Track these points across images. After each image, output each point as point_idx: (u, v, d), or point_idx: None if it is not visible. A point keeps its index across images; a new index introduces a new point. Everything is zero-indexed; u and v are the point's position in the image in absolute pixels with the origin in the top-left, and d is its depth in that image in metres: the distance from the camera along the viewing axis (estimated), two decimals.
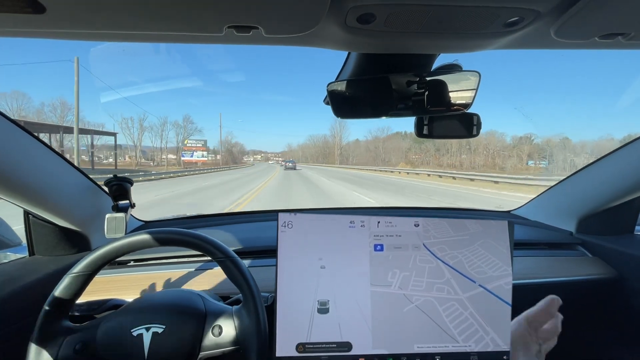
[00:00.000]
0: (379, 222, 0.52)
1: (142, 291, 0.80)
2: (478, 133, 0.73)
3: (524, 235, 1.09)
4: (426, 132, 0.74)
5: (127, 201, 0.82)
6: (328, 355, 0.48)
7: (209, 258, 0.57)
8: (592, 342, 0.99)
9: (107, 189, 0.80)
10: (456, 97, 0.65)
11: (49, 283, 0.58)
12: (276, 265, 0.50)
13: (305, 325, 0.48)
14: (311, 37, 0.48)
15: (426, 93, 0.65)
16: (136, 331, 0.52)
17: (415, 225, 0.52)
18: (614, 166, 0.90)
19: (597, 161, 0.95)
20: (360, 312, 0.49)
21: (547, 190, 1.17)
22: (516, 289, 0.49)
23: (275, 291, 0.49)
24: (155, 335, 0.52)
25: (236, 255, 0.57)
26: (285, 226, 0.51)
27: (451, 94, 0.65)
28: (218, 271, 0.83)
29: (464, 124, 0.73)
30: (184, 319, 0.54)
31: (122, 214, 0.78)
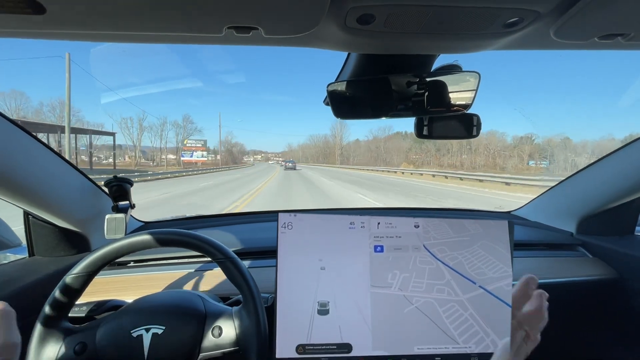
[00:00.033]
0: (379, 223, 0.52)
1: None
2: (478, 134, 0.73)
3: (525, 235, 1.09)
4: (426, 133, 0.74)
5: (127, 202, 0.83)
6: (328, 356, 0.48)
7: (209, 259, 0.57)
8: (593, 343, 0.99)
9: (107, 190, 0.80)
10: (456, 98, 0.65)
11: (49, 284, 0.58)
12: (276, 266, 0.50)
13: (305, 326, 0.48)
14: (311, 38, 0.48)
15: (426, 94, 0.64)
16: (136, 332, 0.52)
17: (415, 226, 0.52)
18: (615, 167, 0.90)
19: (598, 162, 0.95)
20: (360, 314, 0.49)
21: (547, 190, 1.17)
22: None
23: (275, 292, 0.49)
24: (155, 336, 0.52)
25: (236, 256, 0.57)
26: (285, 227, 0.51)
27: (451, 95, 0.65)
28: (218, 272, 0.83)
29: (464, 125, 0.73)
30: (184, 320, 0.54)
31: (122, 215, 0.79)
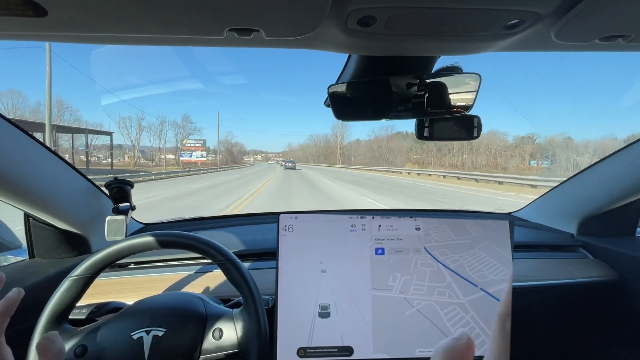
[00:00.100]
0: (380, 226, 0.52)
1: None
2: (479, 135, 0.72)
3: (525, 237, 1.09)
4: (427, 134, 0.74)
5: (128, 204, 0.83)
6: (329, 359, 0.48)
7: (210, 260, 0.57)
8: (594, 344, 0.99)
9: (108, 192, 0.80)
10: (456, 100, 0.65)
11: (49, 286, 0.58)
12: (276, 268, 0.49)
13: (306, 329, 0.48)
14: (312, 40, 0.48)
15: (426, 95, 0.64)
16: (136, 334, 0.51)
17: (416, 228, 0.52)
18: (616, 168, 0.90)
19: (598, 163, 0.95)
20: (361, 316, 0.48)
21: (548, 192, 1.17)
22: (518, 292, 0.49)
23: (275, 295, 0.49)
24: (155, 338, 0.51)
25: (236, 257, 0.57)
26: (286, 230, 0.51)
27: (451, 96, 0.65)
28: (218, 274, 0.83)
29: (465, 126, 0.73)
30: (185, 322, 0.54)
31: (123, 217, 0.78)
